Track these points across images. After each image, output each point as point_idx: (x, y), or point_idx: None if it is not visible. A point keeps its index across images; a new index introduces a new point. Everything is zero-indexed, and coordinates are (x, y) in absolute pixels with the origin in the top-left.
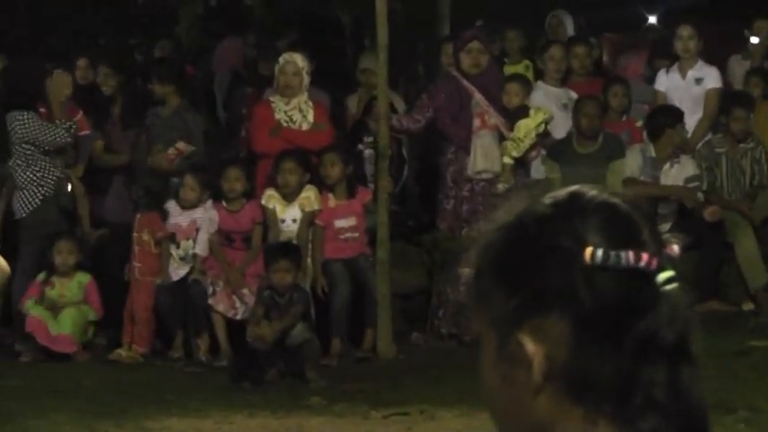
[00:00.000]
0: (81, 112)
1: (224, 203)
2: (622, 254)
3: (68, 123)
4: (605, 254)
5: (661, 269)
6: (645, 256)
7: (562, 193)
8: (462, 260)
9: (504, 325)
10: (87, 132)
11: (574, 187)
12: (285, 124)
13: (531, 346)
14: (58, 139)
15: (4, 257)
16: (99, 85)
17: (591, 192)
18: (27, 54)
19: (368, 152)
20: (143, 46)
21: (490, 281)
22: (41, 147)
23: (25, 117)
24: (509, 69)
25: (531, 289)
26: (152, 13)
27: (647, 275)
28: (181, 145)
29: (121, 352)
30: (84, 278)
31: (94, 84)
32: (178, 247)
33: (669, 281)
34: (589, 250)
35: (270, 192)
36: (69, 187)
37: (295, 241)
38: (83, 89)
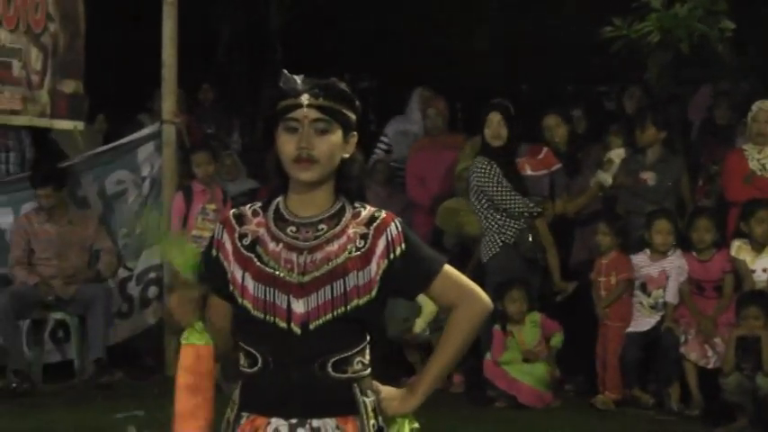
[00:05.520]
0: (546, 149)
1: (693, 253)
2: None
3: (532, 204)
4: None
5: None
6: None
7: None
8: None
9: None
10: (558, 166)
11: None
12: (759, 173)
13: None
14: (514, 209)
15: None
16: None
17: None
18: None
19: None
20: (612, 93)
21: None
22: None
23: (485, 168)
24: None
25: None
26: (623, 61)
27: None
28: (647, 175)
29: (599, 399)
30: (534, 316)
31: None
32: (649, 295)
33: None
34: None
35: (738, 242)
36: (530, 237)
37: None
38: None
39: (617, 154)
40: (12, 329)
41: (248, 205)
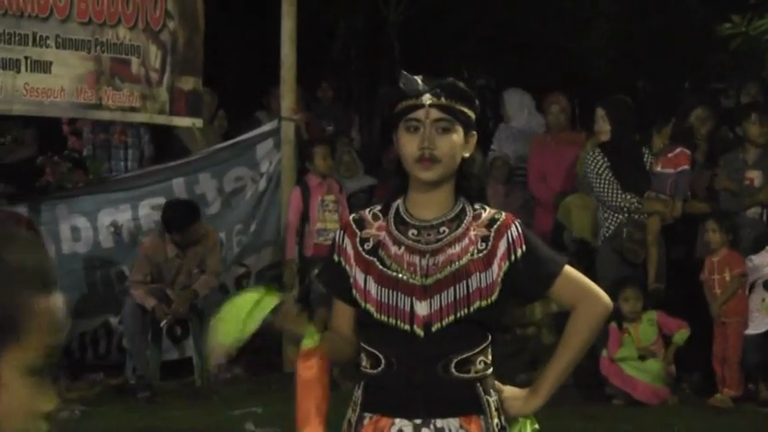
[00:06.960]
0: (680, 149)
1: None
2: None
3: (634, 199)
4: None
5: None
6: None
7: None
8: None
9: None
10: (684, 167)
11: None
12: None
13: None
14: (613, 203)
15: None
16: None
17: None
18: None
19: None
20: (730, 90)
21: None
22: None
23: (590, 160)
24: None
25: None
26: (741, 58)
27: None
28: (753, 174)
29: (717, 397)
30: (650, 315)
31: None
32: None
33: None
34: None
35: None
36: (625, 233)
37: None
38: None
39: None
40: (138, 336)
41: (368, 209)
